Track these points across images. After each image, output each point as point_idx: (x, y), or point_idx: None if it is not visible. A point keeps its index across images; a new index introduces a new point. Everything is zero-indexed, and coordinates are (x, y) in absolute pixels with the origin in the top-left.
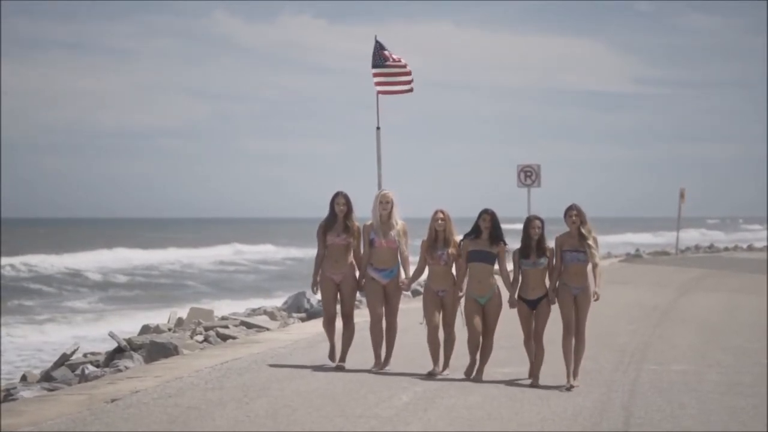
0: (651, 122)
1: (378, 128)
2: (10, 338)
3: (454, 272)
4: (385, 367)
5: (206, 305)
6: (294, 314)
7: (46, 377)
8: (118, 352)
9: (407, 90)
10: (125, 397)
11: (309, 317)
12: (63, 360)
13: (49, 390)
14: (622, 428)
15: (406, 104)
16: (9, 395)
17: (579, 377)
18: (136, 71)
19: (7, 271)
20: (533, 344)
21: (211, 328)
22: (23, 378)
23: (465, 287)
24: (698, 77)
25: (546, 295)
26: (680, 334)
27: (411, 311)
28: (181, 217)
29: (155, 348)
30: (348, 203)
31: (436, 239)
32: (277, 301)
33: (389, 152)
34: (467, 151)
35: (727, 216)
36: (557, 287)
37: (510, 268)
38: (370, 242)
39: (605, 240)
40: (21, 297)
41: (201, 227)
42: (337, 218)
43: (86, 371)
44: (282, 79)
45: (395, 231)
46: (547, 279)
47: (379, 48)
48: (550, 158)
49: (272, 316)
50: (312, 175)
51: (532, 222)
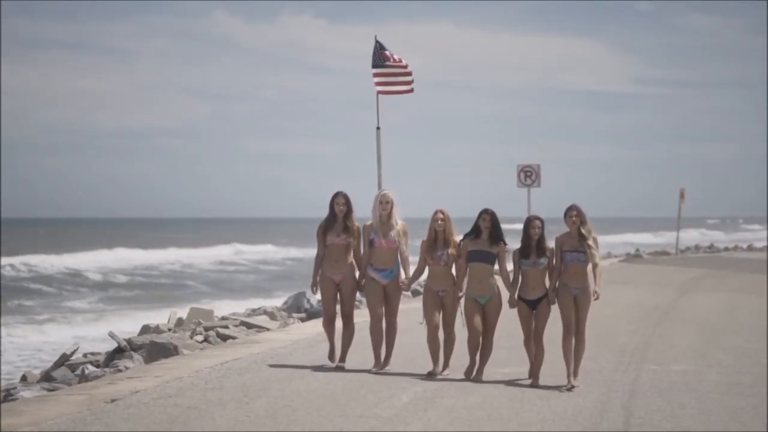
0: (651, 122)
1: (378, 128)
2: (10, 338)
3: (454, 272)
4: (385, 368)
5: (206, 305)
6: (294, 314)
7: (46, 377)
8: (118, 352)
9: (407, 90)
10: (125, 397)
11: (309, 317)
12: (63, 360)
13: (49, 390)
14: (622, 428)
15: (406, 104)
16: (9, 395)
17: (579, 377)
18: (136, 71)
19: (7, 271)
20: (533, 344)
21: (211, 328)
22: (23, 378)
23: (465, 287)
24: (698, 77)
25: (546, 295)
26: (680, 334)
27: (411, 311)
28: (181, 217)
29: (155, 348)
30: (348, 203)
31: (436, 239)
32: (277, 301)
33: (389, 152)
34: (467, 151)
35: (727, 216)
36: (557, 287)
37: (510, 268)
38: (370, 242)
39: (605, 240)
40: (21, 297)
41: (201, 227)
42: (337, 218)
43: (86, 371)
44: (282, 79)
45: (395, 231)
46: (547, 279)
47: (380, 48)
48: (550, 158)
49: (272, 316)
50: (312, 175)
51: (532, 222)
